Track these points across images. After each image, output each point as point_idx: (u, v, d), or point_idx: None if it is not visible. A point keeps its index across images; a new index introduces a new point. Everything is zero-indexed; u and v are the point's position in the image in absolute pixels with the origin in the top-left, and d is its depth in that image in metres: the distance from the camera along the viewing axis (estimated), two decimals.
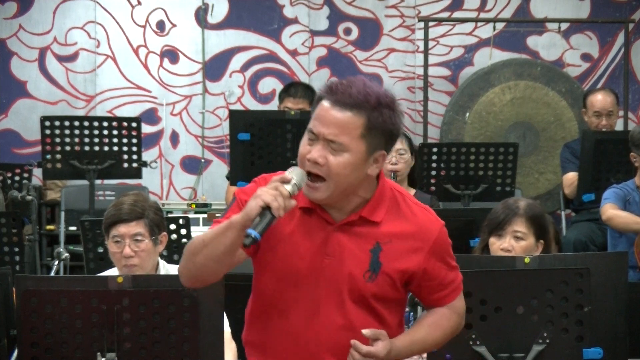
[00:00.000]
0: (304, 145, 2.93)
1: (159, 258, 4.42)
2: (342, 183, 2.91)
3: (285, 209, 2.80)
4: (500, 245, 4.16)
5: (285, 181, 2.84)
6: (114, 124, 6.91)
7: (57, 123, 6.83)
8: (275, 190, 2.80)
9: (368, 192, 2.99)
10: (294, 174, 2.87)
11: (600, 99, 7.12)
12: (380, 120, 2.90)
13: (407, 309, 3.97)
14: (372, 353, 2.91)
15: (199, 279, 3.00)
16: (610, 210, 5.91)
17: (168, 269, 4.40)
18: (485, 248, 4.21)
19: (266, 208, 2.77)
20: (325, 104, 2.91)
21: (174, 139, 8.83)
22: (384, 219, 2.98)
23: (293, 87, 7.07)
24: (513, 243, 4.16)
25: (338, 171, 2.89)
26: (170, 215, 6.46)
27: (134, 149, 6.90)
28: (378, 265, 2.96)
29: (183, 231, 5.11)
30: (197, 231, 6.62)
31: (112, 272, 4.34)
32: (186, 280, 3.02)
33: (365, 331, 2.92)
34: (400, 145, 5.89)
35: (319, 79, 8.62)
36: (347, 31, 8.91)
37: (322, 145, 2.89)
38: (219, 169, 8.78)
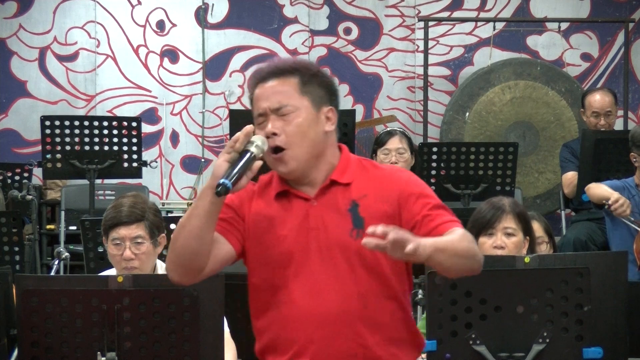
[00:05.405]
0: (257, 133, 3.01)
1: (157, 259, 4.40)
2: (303, 146, 3.00)
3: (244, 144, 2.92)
4: (493, 244, 4.15)
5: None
6: (114, 123, 6.91)
7: (57, 123, 6.83)
8: (230, 145, 2.95)
9: (334, 158, 3.08)
10: (253, 137, 2.97)
11: (598, 99, 7.08)
12: (310, 74, 3.04)
13: None
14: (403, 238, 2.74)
15: (185, 266, 2.99)
16: (592, 183, 5.91)
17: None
18: None
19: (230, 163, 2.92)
20: (258, 87, 3.05)
21: (174, 138, 8.83)
22: (354, 180, 3.05)
23: None
24: (505, 240, 4.16)
25: (294, 132, 3.00)
26: (170, 214, 6.46)
27: (134, 148, 6.90)
28: (361, 220, 3.00)
29: None
30: None
31: (112, 271, 4.33)
32: (173, 274, 3.02)
33: (370, 229, 2.76)
34: (400, 144, 5.88)
35: None
36: (347, 31, 8.91)
37: (271, 120, 3.01)
38: None
